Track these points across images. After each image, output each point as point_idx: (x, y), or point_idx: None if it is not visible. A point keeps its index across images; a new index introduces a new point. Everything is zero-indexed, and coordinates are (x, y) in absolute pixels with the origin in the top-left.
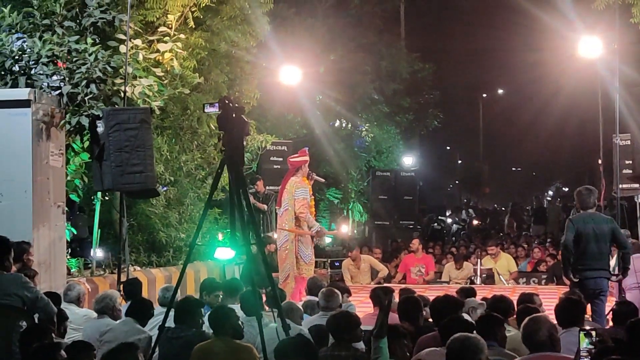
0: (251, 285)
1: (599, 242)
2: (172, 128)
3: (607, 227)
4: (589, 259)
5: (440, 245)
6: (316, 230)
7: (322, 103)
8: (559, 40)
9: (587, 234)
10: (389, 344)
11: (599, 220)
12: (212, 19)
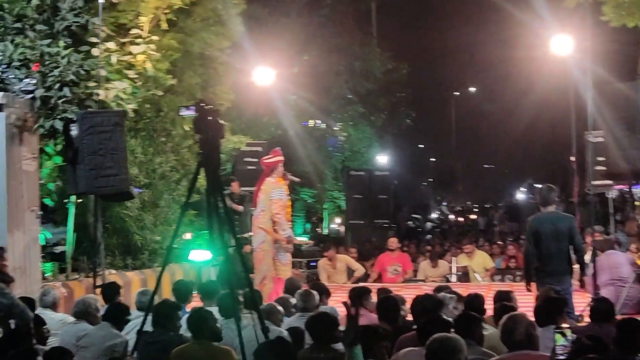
0: (229, 287)
1: (559, 241)
2: (145, 130)
3: (566, 226)
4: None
5: (415, 244)
6: (286, 236)
7: (296, 103)
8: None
9: (546, 234)
10: (368, 346)
11: (557, 219)
12: (185, 21)
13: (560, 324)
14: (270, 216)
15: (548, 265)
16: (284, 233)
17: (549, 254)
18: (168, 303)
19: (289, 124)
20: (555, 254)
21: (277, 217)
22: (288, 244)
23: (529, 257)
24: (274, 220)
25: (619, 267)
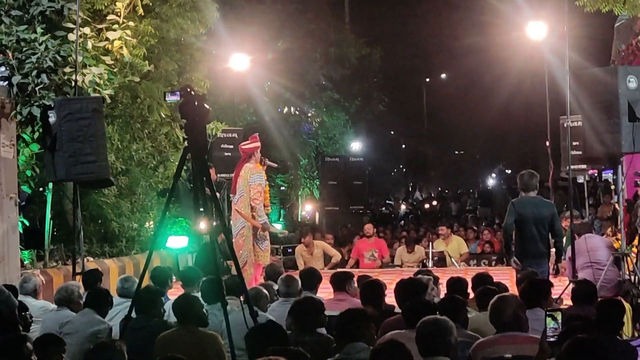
0: (215, 272)
1: (539, 226)
2: (122, 117)
3: (548, 212)
4: (528, 243)
5: (390, 229)
6: (262, 223)
7: (271, 90)
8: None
9: (527, 218)
10: (358, 328)
11: (540, 205)
12: (160, 6)
13: (545, 306)
14: (249, 201)
15: (529, 248)
16: (260, 219)
17: (531, 237)
18: (151, 289)
19: (264, 110)
20: (537, 237)
21: (255, 203)
22: (263, 231)
23: (509, 232)
24: (251, 205)
25: (597, 251)
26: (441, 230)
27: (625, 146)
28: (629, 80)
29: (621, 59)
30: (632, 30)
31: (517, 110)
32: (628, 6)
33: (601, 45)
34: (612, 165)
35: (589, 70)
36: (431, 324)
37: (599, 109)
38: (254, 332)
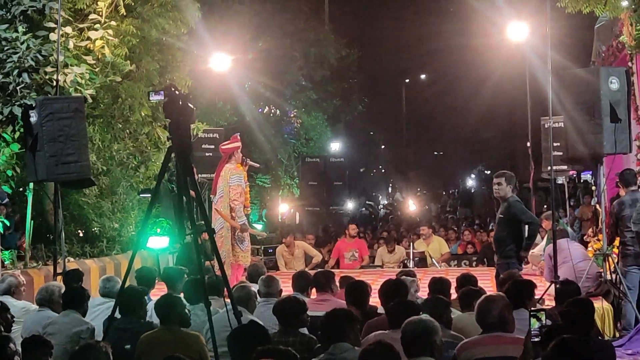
0: (199, 272)
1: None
2: (103, 117)
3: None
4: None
5: (371, 230)
6: (241, 224)
7: (252, 90)
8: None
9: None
10: (343, 329)
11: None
12: (142, 6)
13: (529, 307)
14: (228, 202)
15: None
16: (240, 220)
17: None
18: (134, 290)
19: (245, 110)
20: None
21: (234, 204)
22: (242, 232)
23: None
24: (231, 206)
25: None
26: (422, 230)
27: (607, 147)
28: (611, 81)
29: (601, 59)
30: (613, 31)
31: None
32: (609, 7)
33: (582, 46)
34: (594, 166)
35: (570, 71)
36: (416, 324)
37: (581, 109)
38: (236, 333)
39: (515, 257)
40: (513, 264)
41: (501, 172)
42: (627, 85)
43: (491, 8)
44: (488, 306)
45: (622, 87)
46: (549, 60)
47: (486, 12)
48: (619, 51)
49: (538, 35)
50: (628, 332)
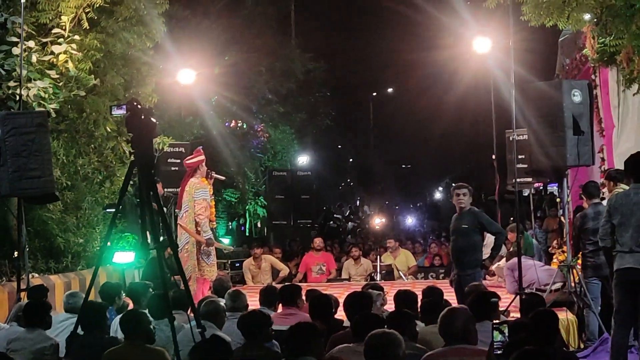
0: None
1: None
2: (68, 131)
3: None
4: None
5: (339, 243)
6: (206, 238)
7: (218, 104)
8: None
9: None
10: (307, 343)
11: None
12: (106, 20)
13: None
14: (194, 217)
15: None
16: (205, 235)
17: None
18: (96, 305)
19: (211, 124)
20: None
21: (199, 218)
22: (208, 247)
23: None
24: (196, 221)
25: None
26: (389, 243)
27: (570, 159)
28: (574, 94)
29: (565, 72)
30: (576, 44)
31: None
32: (571, 21)
33: (546, 60)
34: (558, 179)
35: (534, 84)
36: (379, 337)
37: (544, 122)
38: (198, 348)
39: (480, 267)
40: (479, 273)
41: (462, 184)
42: (589, 98)
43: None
44: (451, 318)
45: (584, 99)
46: (512, 74)
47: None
48: (582, 64)
49: (502, 48)
50: (592, 343)
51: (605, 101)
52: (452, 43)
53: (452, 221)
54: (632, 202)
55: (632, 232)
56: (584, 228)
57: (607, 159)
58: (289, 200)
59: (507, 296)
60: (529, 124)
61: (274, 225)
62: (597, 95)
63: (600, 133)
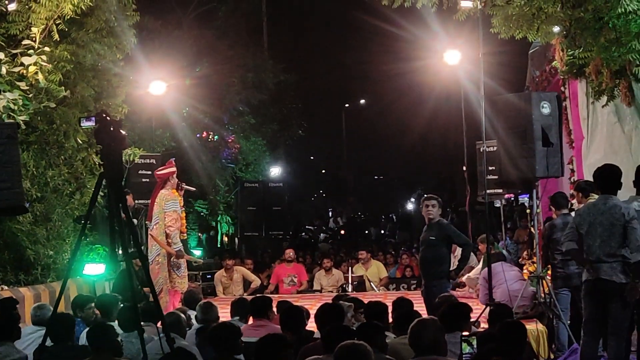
0: (131, 300)
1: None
2: (37, 143)
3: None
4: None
5: (310, 255)
6: (176, 250)
7: (190, 115)
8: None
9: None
10: (277, 354)
11: None
12: (77, 32)
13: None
14: (164, 228)
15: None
16: (175, 247)
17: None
18: (63, 316)
19: (182, 135)
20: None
21: (169, 230)
22: (178, 259)
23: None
24: (166, 232)
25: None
26: (360, 254)
27: (540, 171)
28: (543, 106)
29: (535, 84)
30: (546, 56)
31: (435, 135)
32: (541, 33)
33: (517, 72)
34: (527, 190)
35: (503, 96)
36: (348, 348)
37: (514, 134)
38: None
39: (447, 278)
40: (445, 284)
41: (432, 195)
42: (558, 110)
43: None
44: (421, 329)
45: (553, 111)
46: (481, 85)
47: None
48: (552, 76)
49: (473, 60)
50: (562, 353)
51: (575, 113)
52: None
53: (422, 232)
54: (599, 212)
55: (600, 242)
56: (552, 238)
57: (577, 170)
58: (261, 211)
59: (479, 307)
60: (499, 135)
61: (246, 236)
62: (566, 107)
63: (570, 144)
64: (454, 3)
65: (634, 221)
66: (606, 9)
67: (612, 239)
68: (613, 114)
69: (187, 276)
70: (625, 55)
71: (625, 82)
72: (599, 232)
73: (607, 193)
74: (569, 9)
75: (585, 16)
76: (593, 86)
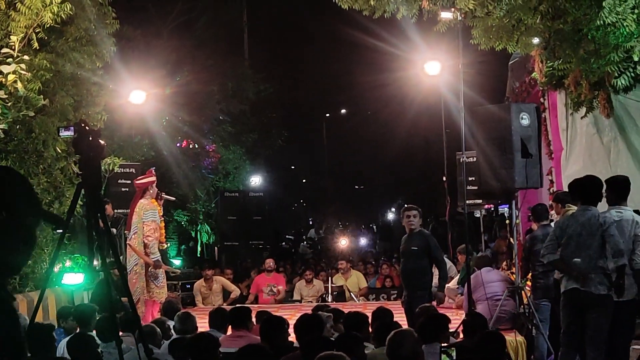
0: (109, 310)
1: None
2: (16, 152)
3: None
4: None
5: (291, 264)
6: (154, 260)
7: (170, 124)
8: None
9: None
10: None
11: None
12: (56, 40)
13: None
14: (142, 238)
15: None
16: (153, 257)
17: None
18: (41, 326)
19: (162, 144)
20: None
21: (147, 240)
22: (156, 269)
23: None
24: (145, 242)
25: (493, 283)
26: (340, 264)
27: (519, 182)
28: (522, 117)
29: (515, 95)
30: (526, 68)
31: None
32: (521, 44)
33: (497, 82)
34: (507, 200)
35: (483, 107)
36: (327, 359)
37: (493, 145)
38: None
39: (428, 289)
40: (428, 295)
41: (412, 205)
42: (537, 121)
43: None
44: (399, 340)
45: (532, 122)
46: (461, 96)
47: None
48: (531, 87)
49: (453, 71)
50: None
51: (554, 124)
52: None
53: (402, 242)
54: (578, 224)
55: (579, 253)
56: (533, 250)
57: (556, 181)
58: (241, 221)
59: (457, 317)
60: (479, 146)
61: (226, 246)
62: (546, 118)
63: (549, 155)
64: (434, 14)
65: (611, 227)
66: (585, 21)
67: (591, 250)
68: (592, 125)
69: (165, 286)
70: (604, 67)
71: (604, 94)
72: (578, 243)
73: (586, 204)
74: (549, 20)
75: (565, 28)
76: (572, 97)
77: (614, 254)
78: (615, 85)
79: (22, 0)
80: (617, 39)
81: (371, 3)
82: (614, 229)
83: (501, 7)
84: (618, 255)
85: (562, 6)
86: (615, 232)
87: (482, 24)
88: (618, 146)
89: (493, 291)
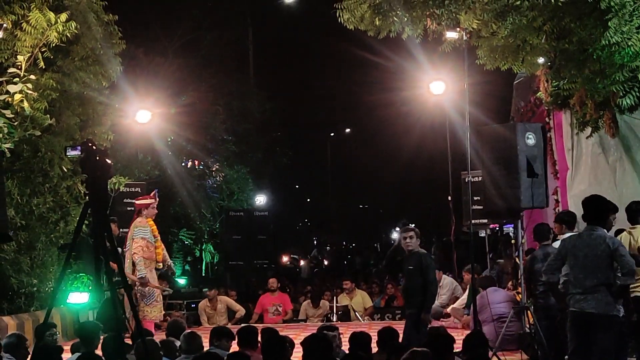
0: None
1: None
2: (22, 171)
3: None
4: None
5: (293, 284)
6: (139, 277)
7: (175, 144)
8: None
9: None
10: None
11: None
12: (63, 60)
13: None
14: (130, 255)
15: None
16: (139, 274)
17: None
18: (49, 346)
19: (167, 163)
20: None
21: (134, 257)
22: (142, 287)
23: None
24: (132, 259)
25: (498, 304)
26: (345, 284)
27: (525, 201)
28: (528, 137)
29: (520, 115)
30: (531, 87)
31: (420, 165)
32: (526, 64)
33: (502, 102)
34: (512, 220)
35: (488, 127)
36: None
37: (499, 164)
38: None
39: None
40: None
41: (408, 227)
42: (543, 141)
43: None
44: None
45: (538, 142)
46: (467, 116)
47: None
48: (537, 107)
49: (458, 91)
50: None
51: (560, 144)
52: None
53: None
54: (584, 244)
55: (585, 274)
56: (533, 269)
57: (562, 201)
58: (246, 240)
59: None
60: (484, 165)
61: (231, 265)
62: (551, 137)
63: (554, 175)
64: (439, 34)
65: (621, 247)
66: (590, 41)
67: (597, 271)
68: (597, 145)
69: (159, 305)
70: (609, 86)
71: (609, 114)
72: (584, 264)
73: (592, 224)
74: (554, 40)
75: (570, 48)
76: (577, 117)
77: (625, 273)
78: (621, 104)
79: (27, 20)
80: (622, 58)
81: (376, 23)
82: (624, 249)
83: (506, 26)
84: (628, 275)
85: (567, 26)
86: (626, 252)
87: (487, 44)
88: (624, 166)
89: (499, 312)
